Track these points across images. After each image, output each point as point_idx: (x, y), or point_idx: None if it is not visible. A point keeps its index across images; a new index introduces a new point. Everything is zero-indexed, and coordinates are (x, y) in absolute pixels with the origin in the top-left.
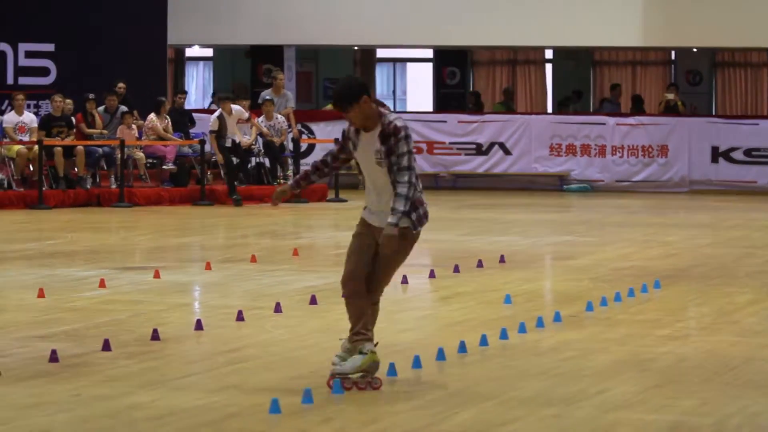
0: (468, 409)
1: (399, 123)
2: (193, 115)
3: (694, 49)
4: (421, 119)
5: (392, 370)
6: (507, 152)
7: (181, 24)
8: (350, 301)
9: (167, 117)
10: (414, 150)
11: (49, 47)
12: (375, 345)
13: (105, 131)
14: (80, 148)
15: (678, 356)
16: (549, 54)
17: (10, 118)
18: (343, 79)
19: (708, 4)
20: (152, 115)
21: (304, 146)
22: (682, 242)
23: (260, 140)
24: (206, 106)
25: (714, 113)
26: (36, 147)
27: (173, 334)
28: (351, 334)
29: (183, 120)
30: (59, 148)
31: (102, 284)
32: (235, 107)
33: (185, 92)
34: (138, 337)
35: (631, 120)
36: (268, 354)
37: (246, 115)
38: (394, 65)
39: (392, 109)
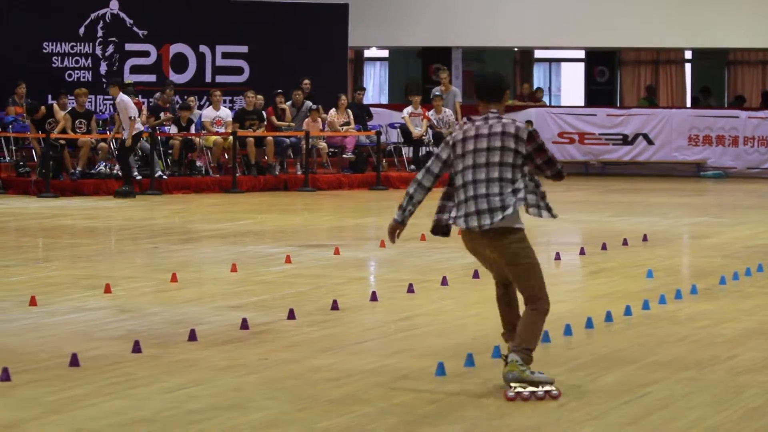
0: (613, 372)
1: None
2: (371, 109)
3: None
4: (573, 113)
5: (546, 337)
6: (650, 142)
7: (360, 28)
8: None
9: (348, 111)
10: (440, 154)
11: (243, 49)
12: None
13: (292, 123)
14: (270, 138)
15: None
16: (688, 54)
17: (209, 112)
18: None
19: None
20: (332, 110)
21: None
22: None
23: (430, 132)
24: (382, 102)
25: None
26: (230, 138)
27: (351, 304)
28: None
29: (361, 114)
30: (251, 139)
31: (288, 260)
32: (124, 97)
33: (364, 89)
34: (319, 307)
35: (761, 114)
36: (435, 322)
37: (132, 113)
38: (550, 65)
39: (548, 103)
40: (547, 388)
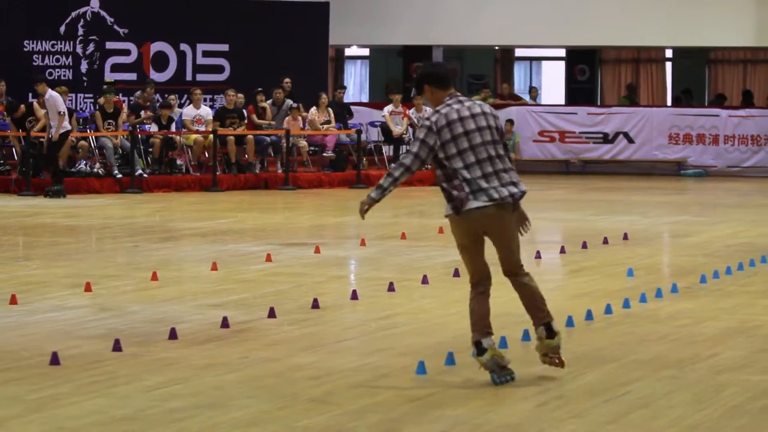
0: (594, 371)
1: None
2: (351, 107)
3: None
4: (554, 111)
5: (526, 336)
6: (630, 141)
7: (341, 26)
8: None
9: (329, 109)
10: (426, 140)
11: (224, 47)
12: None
13: (273, 122)
14: (250, 137)
15: None
16: (669, 53)
17: (189, 111)
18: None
19: None
20: (313, 109)
21: None
22: None
23: (410, 130)
24: (363, 100)
25: None
26: (211, 136)
27: (331, 303)
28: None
29: (342, 112)
30: (231, 137)
31: (268, 258)
32: (53, 93)
33: (344, 87)
34: (300, 305)
35: (741, 112)
36: (416, 321)
37: (61, 108)
38: (531, 63)
39: (530, 101)
40: None
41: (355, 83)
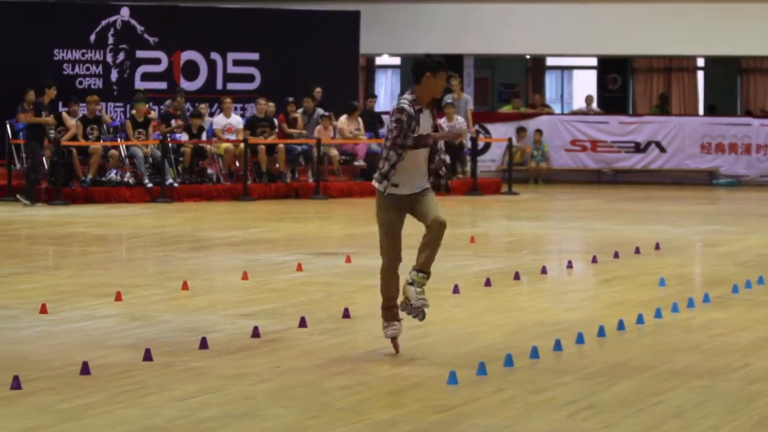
0: (625, 381)
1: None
2: (382, 116)
3: None
4: (585, 120)
5: (558, 346)
6: (662, 150)
7: (372, 35)
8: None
9: (360, 119)
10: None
11: (254, 56)
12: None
13: (304, 131)
14: (281, 146)
15: None
16: (700, 62)
17: (220, 119)
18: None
19: None
20: (343, 118)
21: (480, 144)
22: None
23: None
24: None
25: None
26: (242, 145)
27: (362, 312)
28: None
29: (373, 121)
30: (262, 146)
31: (299, 268)
32: None
33: (375, 96)
34: (331, 315)
35: None
36: (447, 330)
37: None
38: (562, 72)
39: (558, 111)
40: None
41: (386, 92)
